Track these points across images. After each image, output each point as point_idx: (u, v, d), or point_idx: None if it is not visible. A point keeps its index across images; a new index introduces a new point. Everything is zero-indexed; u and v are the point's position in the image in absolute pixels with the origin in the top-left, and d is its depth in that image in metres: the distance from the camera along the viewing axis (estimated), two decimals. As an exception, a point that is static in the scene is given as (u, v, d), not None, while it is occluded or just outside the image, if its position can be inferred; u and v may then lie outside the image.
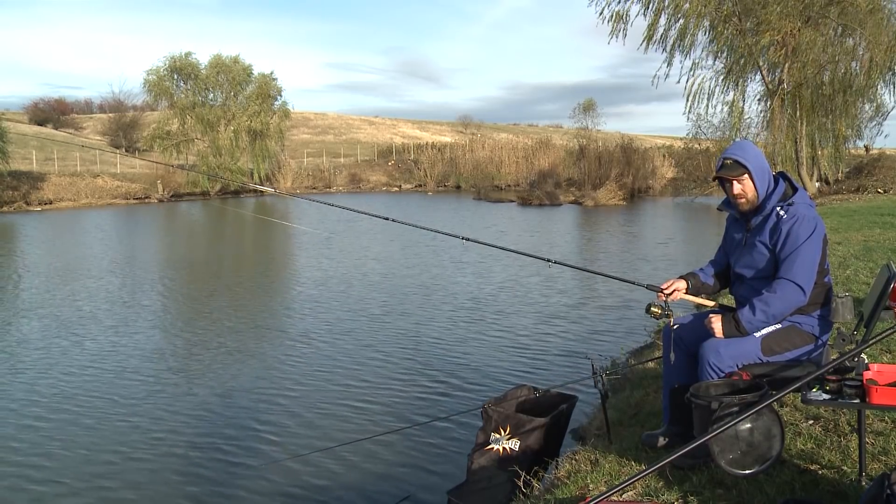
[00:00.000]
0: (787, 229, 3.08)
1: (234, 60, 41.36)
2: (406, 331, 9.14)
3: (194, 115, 40.37)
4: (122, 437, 5.83)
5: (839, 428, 3.36)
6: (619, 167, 35.44)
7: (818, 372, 2.49)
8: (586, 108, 47.20)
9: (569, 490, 3.23)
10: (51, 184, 35.41)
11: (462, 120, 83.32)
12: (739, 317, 3.09)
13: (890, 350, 4.51)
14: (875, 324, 2.87)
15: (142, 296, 11.84)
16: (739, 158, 3.18)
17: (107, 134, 54.51)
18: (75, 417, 6.30)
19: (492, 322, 9.48)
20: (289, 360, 7.95)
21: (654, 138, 55.96)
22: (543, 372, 7.16)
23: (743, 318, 3.08)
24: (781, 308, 3.05)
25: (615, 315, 9.74)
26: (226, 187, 40.18)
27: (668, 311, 3.39)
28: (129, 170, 41.60)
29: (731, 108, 24.60)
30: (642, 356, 6.51)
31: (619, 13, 24.10)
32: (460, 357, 7.86)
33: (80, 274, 14.16)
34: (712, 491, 2.87)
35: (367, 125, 77.68)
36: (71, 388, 7.08)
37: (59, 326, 9.59)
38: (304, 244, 19.07)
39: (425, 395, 6.64)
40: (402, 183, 47.93)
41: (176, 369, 7.75)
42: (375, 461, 5.23)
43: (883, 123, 26.41)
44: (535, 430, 3.86)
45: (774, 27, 21.44)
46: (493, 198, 37.50)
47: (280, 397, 6.71)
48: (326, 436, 5.70)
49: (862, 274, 7.27)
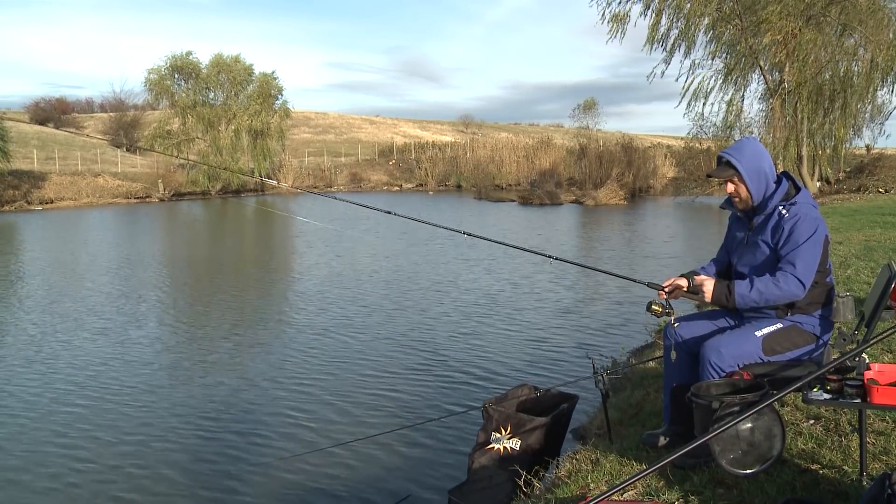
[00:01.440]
0: (788, 227, 3.08)
1: (234, 60, 41.39)
2: (406, 330, 9.14)
3: (195, 115, 40.39)
4: (121, 436, 5.84)
5: (840, 428, 3.36)
6: (620, 167, 35.41)
7: (819, 372, 2.49)
8: (587, 107, 47.27)
9: (569, 489, 3.24)
10: (52, 183, 35.41)
11: (463, 119, 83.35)
12: (733, 286, 3.11)
13: (891, 350, 4.51)
14: (876, 323, 2.87)
15: (143, 294, 11.85)
16: (732, 159, 3.17)
17: (108, 133, 54.52)
18: (75, 416, 6.30)
19: (492, 321, 9.48)
20: (288, 359, 7.95)
21: (654, 138, 55.92)
22: (544, 371, 7.16)
23: (737, 290, 3.10)
24: (777, 296, 3.05)
25: (616, 314, 9.74)
26: (226, 186, 40.18)
27: (669, 309, 3.39)
28: (129, 169, 41.61)
29: (732, 108, 24.61)
30: (643, 356, 6.51)
31: (619, 14, 24.13)
32: (461, 356, 7.85)
33: (81, 272, 14.17)
34: (713, 490, 2.87)
35: (367, 124, 77.68)
36: (71, 386, 7.08)
37: (62, 324, 9.59)
38: (304, 244, 19.07)
39: (426, 395, 6.64)
40: (403, 182, 47.93)
41: (176, 369, 7.75)
42: (376, 460, 5.23)
43: (885, 124, 26.47)
44: (536, 429, 3.86)
45: (775, 27, 21.43)
46: (493, 197, 37.50)
47: (280, 397, 6.71)
48: (327, 435, 5.70)
49: (863, 274, 7.28)
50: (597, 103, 48.35)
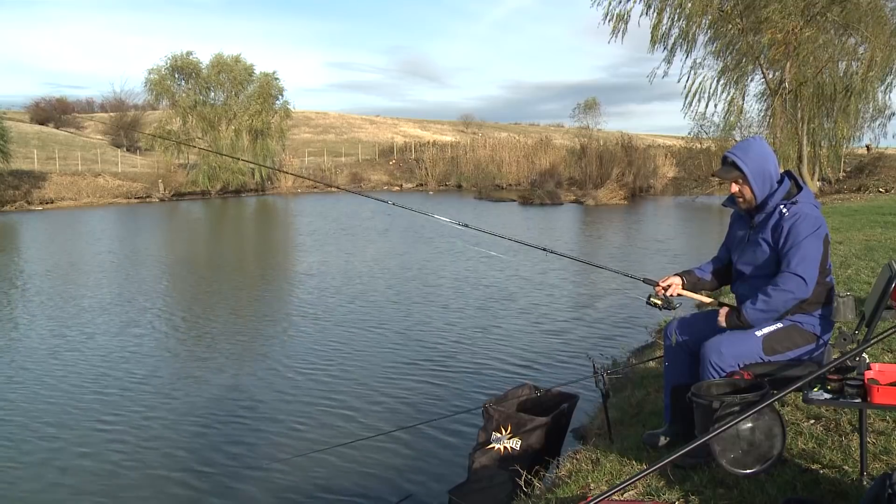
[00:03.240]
0: (788, 226, 3.07)
1: (235, 60, 41.40)
2: (406, 330, 9.14)
3: (195, 115, 40.41)
4: (121, 436, 5.84)
5: (840, 427, 3.36)
6: (621, 166, 35.40)
7: (819, 371, 2.49)
8: (588, 106, 47.18)
9: (570, 489, 3.23)
10: (52, 183, 35.42)
11: (463, 119, 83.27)
12: (742, 308, 3.11)
13: (891, 350, 4.51)
14: (876, 323, 2.87)
15: (143, 294, 11.84)
16: (738, 160, 3.15)
17: (108, 133, 54.50)
18: (75, 415, 6.30)
19: (492, 321, 9.48)
20: (288, 359, 7.95)
21: (655, 137, 55.90)
22: (544, 371, 7.16)
23: (745, 310, 3.09)
24: (783, 299, 3.03)
25: (616, 314, 9.74)
26: (226, 186, 40.18)
27: (669, 301, 3.42)
28: (130, 169, 41.62)
29: (732, 107, 24.61)
30: (643, 355, 6.51)
31: (620, 14, 24.14)
32: (461, 356, 7.85)
33: (81, 272, 14.17)
34: (713, 490, 2.87)
35: (368, 124, 77.66)
36: (71, 386, 7.08)
37: (62, 324, 9.59)
38: (304, 243, 19.07)
39: (426, 395, 6.64)
40: (404, 182, 47.92)
41: (175, 369, 7.75)
42: (376, 460, 5.23)
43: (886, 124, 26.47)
44: (537, 429, 3.86)
45: (776, 26, 21.43)
46: (494, 197, 37.49)
47: (280, 397, 6.71)
48: (327, 435, 5.70)
49: (863, 273, 7.28)
50: (598, 103, 48.26)
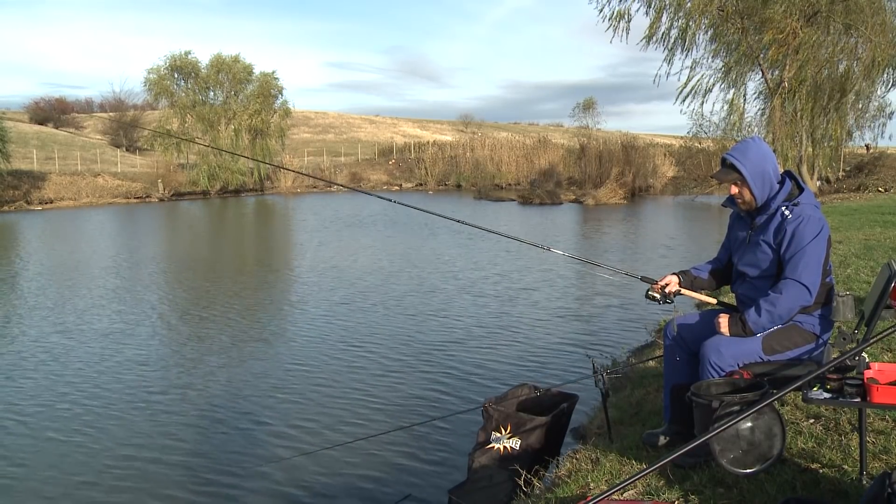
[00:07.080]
0: (791, 230, 3.06)
1: (234, 59, 41.41)
2: (406, 330, 9.13)
3: (195, 114, 40.41)
4: (121, 436, 5.83)
5: (840, 427, 3.37)
6: (620, 166, 35.38)
7: (819, 371, 2.49)
8: (587, 106, 47.25)
9: (570, 489, 3.24)
10: (51, 183, 35.41)
11: (463, 119, 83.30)
12: (746, 317, 3.09)
13: (891, 349, 4.51)
14: (876, 323, 2.87)
15: (142, 294, 11.84)
16: (736, 162, 3.14)
17: (107, 133, 54.49)
18: (74, 415, 6.29)
19: (492, 320, 9.48)
20: (288, 359, 7.95)
21: (654, 137, 55.89)
22: (544, 371, 7.16)
23: (749, 319, 3.07)
24: (787, 308, 3.03)
25: (616, 314, 9.74)
26: (225, 186, 40.17)
27: (667, 296, 3.43)
28: (129, 169, 41.62)
29: (731, 107, 24.62)
30: (643, 355, 6.51)
31: (619, 12, 24.14)
32: (461, 356, 7.85)
33: (81, 272, 14.16)
34: (713, 490, 2.87)
35: (367, 124, 77.69)
36: (70, 387, 7.07)
37: (62, 324, 9.59)
38: (303, 243, 19.06)
39: (426, 394, 6.64)
40: (403, 182, 47.89)
41: (175, 369, 7.74)
42: (376, 460, 5.23)
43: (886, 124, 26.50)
44: (536, 428, 3.86)
45: (777, 25, 21.43)
46: (493, 197, 37.46)
47: (280, 397, 6.70)
48: (327, 435, 5.70)
49: (863, 273, 7.28)
50: (596, 102, 48.39)
